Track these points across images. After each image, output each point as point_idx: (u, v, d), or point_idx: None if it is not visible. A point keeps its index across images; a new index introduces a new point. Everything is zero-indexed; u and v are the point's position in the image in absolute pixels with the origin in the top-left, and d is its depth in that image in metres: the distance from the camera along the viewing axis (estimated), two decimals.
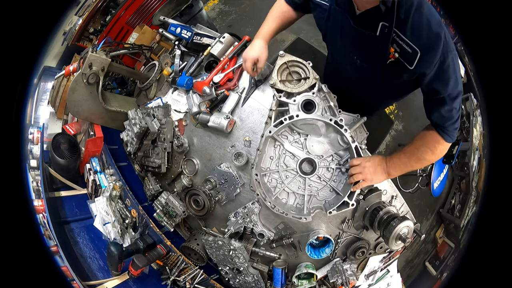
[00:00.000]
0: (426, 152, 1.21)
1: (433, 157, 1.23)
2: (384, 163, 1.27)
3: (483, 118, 2.12)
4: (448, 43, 1.05)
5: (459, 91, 1.11)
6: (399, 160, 1.26)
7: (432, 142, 1.20)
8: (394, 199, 1.46)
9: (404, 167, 1.26)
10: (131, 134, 1.65)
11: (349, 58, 1.27)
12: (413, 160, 1.25)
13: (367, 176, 1.25)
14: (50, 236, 1.43)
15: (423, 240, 2.00)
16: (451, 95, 1.10)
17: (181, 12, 1.99)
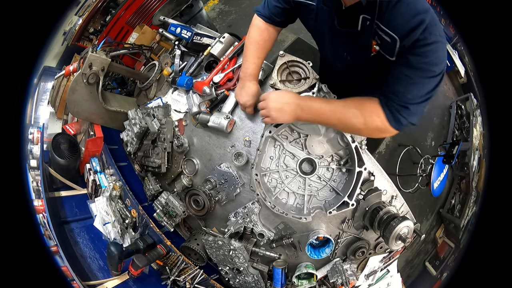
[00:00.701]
0: (357, 117, 1.05)
1: (363, 128, 1.07)
2: (296, 104, 1.12)
3: (483, 118, 2.12)
4: (433, 28, 0.92)
5: (435, 73, 0.95)
6: (319, 108, 1.11)
7: (371, 111, 1.05)
8: (394, 199, 1.46)
9: (321, 117, 1.12)
10: (131, 134, 1.65)
11: (339, 55, 1.24)
12: (336, 117, 1.09)
13: (270, 113, 1.15)
14: (50, 236, 1.43)
15: (423, 240, 1.99)
16: (422, 68, 0.96)
17: (181, 12, 1.99)
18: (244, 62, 1.37)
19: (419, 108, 1.03)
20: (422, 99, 1.01)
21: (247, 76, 1.36)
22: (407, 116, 1.03)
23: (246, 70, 1.36)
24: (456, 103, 2.49)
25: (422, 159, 2.40)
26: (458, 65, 2.24)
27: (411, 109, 1.02)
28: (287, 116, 1.14)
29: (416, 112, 1.04)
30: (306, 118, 1.15)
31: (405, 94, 1.00)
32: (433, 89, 1.00)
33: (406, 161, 2.70)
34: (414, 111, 1.03)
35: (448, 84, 2.63)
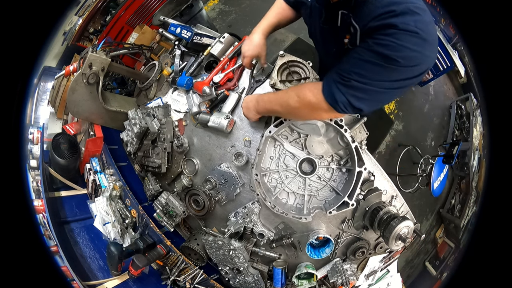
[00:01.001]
0: (292, 97, 1.06)
1: (298, 106, 1.05)
2: (256, 100, 1.26)
3: (483, 118, 2.12)
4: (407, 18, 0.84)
5: (397, 62, 0.84)
6: (268, 98, 1.21)
7: (306, 87, 1.04)
8: (394, 199, 1.46)
9: (270, 106, 1.19)
10: (131, 134, 1.65)
11: (329, 51, 1.25)
12: (278, 102, 1.14)
13: (244, 111, 1.33)
14: (50, 236, 1.43)
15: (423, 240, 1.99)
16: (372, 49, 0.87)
17: (181, 12, 1.99)
18: (262, 19, 1.45)
19: (367, 93, 0.91)
20: (372, 84, 0.90)
21: (257, 29, 1.41)
22: (346, 92, 0.93)
23: (260, 24, 1.43)
24: (456, 103, 2.49)
25: (422, 159, 2.40)
26: (458, 65, 2.24)
27: (353, 86, 0.91)
28: (251, 111, 1.30)
29: (361, 96, 0.92)
30: (262, 111, 1.26)
31: (350, 68, 0.92)
32: (393, 80, 0.89)
33: (406, 161, 2.70)
34: (358, 92, 0.91)
35: (448, 84, 2.63)
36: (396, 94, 0.94)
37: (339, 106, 0.94)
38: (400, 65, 0.85)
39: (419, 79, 0.92)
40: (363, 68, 0.89)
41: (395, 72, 0.87)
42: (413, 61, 0.86)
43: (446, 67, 2.28)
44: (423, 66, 0.88)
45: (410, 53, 0.85)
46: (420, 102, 2.89)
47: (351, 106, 0.94)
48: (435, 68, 2.34)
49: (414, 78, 0.90)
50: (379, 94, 0.92)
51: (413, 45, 0.84)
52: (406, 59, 0.85)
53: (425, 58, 0.87)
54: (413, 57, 0.85)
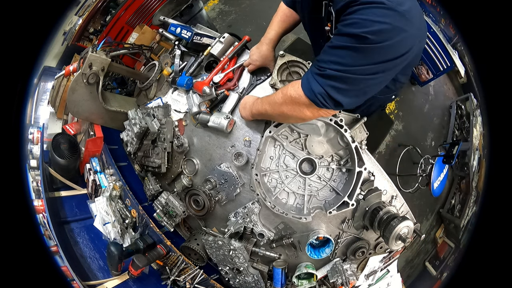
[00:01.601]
0: (277, 95, 1.07)
1: (281, 102, 1.04)
2: (252, 102, 1.29)
3: (483, 118, 2.12)
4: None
5: (367, 39, 0.78)
6: (261, 100, 1.22)
7: (290, 84, 1.02)
8: (394, 199, 1.46)
9: (262, 107, 1.19)
10: (131, 134, 1.65)
11: (318, 42, 1.26)
12: (268, 101, 1.15)
13: (240, 109, 1.39)
14: (50, 236, 1.43)
15: (423, 240, 1.99)
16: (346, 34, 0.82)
17: (181, 12, 1.99)
18: (267, 29, 1.50)
19: (345, 83, 0.85)
20: (349, 70, 0.83)
21: (265, 39, 1.47)
22: (323, 83, 0.88)
23: (267, 34, 1.48)
24: (456, 103, 2.49)
25: (422, 159, 2.39)
26: (458, 65, 2.24)
27: (330, 75, 0.86)
28: (247, 111, 1.35)
29: (340, 86, 0.86)
30: (255, 113, 1.28)
31: (325, 58, 0.88)
32: (370, 63, 0.82)
33: (406, 161, 2.70)
34: (336, 81, 0.86)
35: (448, 84, 2.63)
36: (377, 80, 0.87)
37: (318, 98, 0.90)
38: (371, 42, 0.78)
39: (401, 60, 0.83)
40: (337, 55, 0.84)
41: (369, 52, 0.80)
42: (384, 35, 0.77)
43: (446, 67, 2.27)
44: (400, 43, 0.80)
45: (379, 26, 0.77)
46: (420, 102, 2.89)
47: (330, 98, 0.88)
48: (435, 68, 2.34)
49: (394, 60, 0.82)
50: (358, 82, 0.86)
51: (379, 17, 0.77)
52: (375, 34, 0.77)
53: (399, 32, 0.78)
54: (382, 31, 0.77)
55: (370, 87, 0.90)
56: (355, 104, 0.94)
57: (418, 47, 0.92)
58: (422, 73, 2.47)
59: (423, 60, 2.37)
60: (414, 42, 0.84)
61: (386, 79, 0.90)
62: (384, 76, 0.87)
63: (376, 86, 0.91)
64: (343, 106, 0.91)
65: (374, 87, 0.91)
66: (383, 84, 0.92)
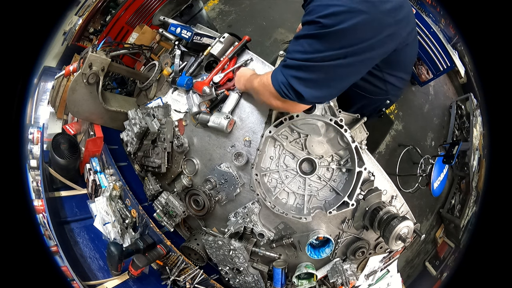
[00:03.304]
0: (256, 78, 1.14)
1: (256, 85, 1.12)
2: (247, 77, 1.31)
3: (483, 118, 2.12)
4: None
5: (321, 24, 0.79)
6: (251, 77, 1.25)
7: (268, 72, 1.05)
8: (394, 199, 1.46)
9: (249, 84, 1.24)
10: (131, 134, 1.65)
11: None
12: (252, 80, 1.20)
13: (235, 81, 1.44)
14: (50, 236, 1.43)
15: (423, 240, 1.99)
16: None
17: (181, 12, 1.99)
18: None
19: (307, 72, 0.85)
20: (309, 59, 0.83)
21: None
22: (287, 74, 0.89)
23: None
24: (456, 103, 2.49)
25: (422, 159, 2.40)
26: (458, 65, 2.24)
27: (293, 65, 0.87)
28: (240, 84, 1.38)
29: (302, 76, 0.86)
30: (248, 88, 1.29)
31: (289, 49, 0.90)
32: (330, 49, 0.80)
33: (406, 161, 2.70)
34: (298, 71, 0.86)
35: (448, 84, 2.63)
36: (341, 69, 0.84)
37: (281, 89, 0.91)
38: (326, 27, 0.77)
39: (367, 47, 0.81)
40: (298, 44, 0.84)
41: (325, 37, 0.79)
42: (337, 17, 0.77)
43: (446, 67, 2.28)
44: (358, 26, 0.78)
45: (332, 9, 0.77)
46: (420, 102, 2.89)
47: (292, 89, 0.88)
48: (435, 68, 2.34)
49: (356, 46, 0.80)
50: (318, 70, 0.84)
51: (333, 0, 0.77)
52: (327, 17, 0.77)
53: (356, 14, 0.76)
54: (335, 13, 0.77)
55: (334, 76, 0.87)
56: (320, 98, 0.92)
57: (397, 39, 0.89)
58: (422, 73, 2.48)
59: (423, 60, 2.37)
60: (382, 29, 0.82)
61: (354, 68, 0.87)
62: (348, 64, 0.83)
63: (342, 76, 0.88)
64: (304, 99, 0.89)
65: (340, 77, 0.89)
66: (352, 74, 0.90)
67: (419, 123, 2.95)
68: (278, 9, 3.60)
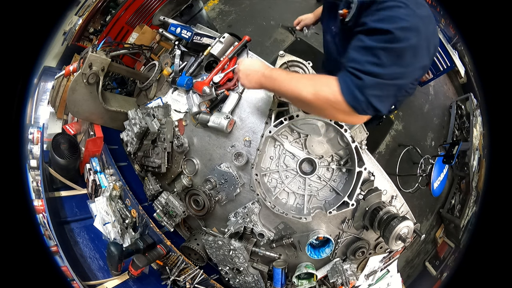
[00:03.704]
0: (307, 87, 0.96)
1: (312, 99, 0.95)
2: (262, 73, 1.12)
3: (483, 118, 2.12)
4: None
5: (394, 36, 0.83)
6: (278, 76, 1.08)
7: (322, 81, 0.96)
8: (394, 199, 1.46)
9: (278, 86, 1.07)
10: (131, 134, 1.65)
11: (330, 29, 1.29)
12: (289, 87, 1.02)
13: (240, 77, 1.18)
14: (50, 236, 1.43)
15: (423, 240, 1.99)
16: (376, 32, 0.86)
17: (181, 12, 1.99)
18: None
19: (379, 86, 0.87)
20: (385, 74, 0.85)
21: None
22: (367, 93, 0.87)
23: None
24: (456, 103, 2.49)
25: (422, 159, 2.40)
26: (458, 65, 2.24)
27: (365, 80, 0.86)
28: (253, 83, 1.15)
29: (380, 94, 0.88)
30: (267, 87, 1.13)
31: (359, 59, 0.88)
32: (402, 64, 0.84)
33: (406, 161, 2.71)
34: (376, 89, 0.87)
35: (448, 84, 2.63)
36: (404, 83, 0.90)
37: (361, 107, 0.89)
38: (399, 40, 0.82)
39: (419, 62, 0.88)
40: (373, 55, 0.85)
41: (394, 48, 0.83)
42: (409, 32, 0.82)
43: (446, 67, 2.28)
44: (420, 44, 0.84)
45: (405, 24, 0.82)
46: (420, 102, 2.89)
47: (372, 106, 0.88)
48: (435, 68, 2.34)
49: (417, 61, 0.86)
50: (393, 86, 0.88)
51: (405, 16, 0.83)
52: (402, 30, 0.82)
53: (419, 33, 0.84)
54: (407, 28, 0.82)
55: (400, 91, 0.92)
56: (389, 110, 0.98)
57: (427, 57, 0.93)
58: None
59: None
60: (431, 52, 0.92)
61: (408, 82, 0.93)
62: (408, 79, 0.90)
63: (402, 90, 0.94)
64: (382, 113, 0.92)
65: (402, 91, 0.96)
66: (405, 88, 0.99)
67: (419, 123, 2.95)
68: (278, 9, 3.60)
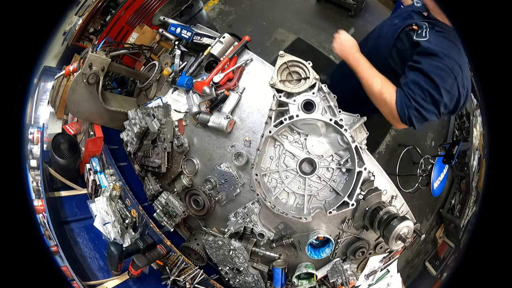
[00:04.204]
0: (377, 84, 1.34)
1: (376, 92, 1.34)
2: (354, 49, 1.47)
3: (483, 118, 2.12)
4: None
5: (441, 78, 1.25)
6: (363, 63, 1.41)
7: (389, 86, 1.32)
8: (394, 199, 1.46)
9: (360, 69, 1.40)
10: (131, 134, 1.65)
11: (393, 23, 1.59)
12: (366, 75, 1.38)
13: (336, 42, 1.53)
14: (50, 236, 1.43)
15: (423, 240, 1.99)
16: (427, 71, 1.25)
17: (181, 12, 1.99)
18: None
19: (419, 112, 1.26)
20: (423, 104, 1.25)
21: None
22: (409, 109, 1.26)
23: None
24: None
25: (422, 159, 2.40)
26: None
27: (412, 105, 1.25)
28: (343, 53, 1.49)
29: (416, 114, 1.27)
30: (351, 63, 1.45)
31: (413, 90, 1.26)
32: (433, 103, 1.28)
33: (406, 161, 2.71)
34: (414, 110, 1.26)
35: None
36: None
37: (404, 117, 1.28)
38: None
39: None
40: (424, 94, 1.24)
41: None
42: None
43: None
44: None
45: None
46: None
47: (410, 121, 1.28)
48: None
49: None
50: (429, 113, 1.28)
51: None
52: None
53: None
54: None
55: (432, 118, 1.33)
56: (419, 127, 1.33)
57: None
58: None
59: None
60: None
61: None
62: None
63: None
64: (415, 128, 1.33)
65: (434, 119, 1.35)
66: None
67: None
68: (278, 9, 3.60)
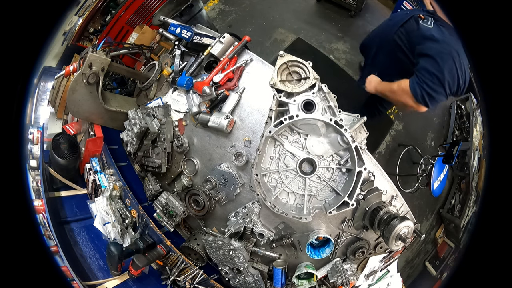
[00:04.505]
0: (394, 84, 1.67)
1: (395, 87, 1.65)
2: (376, 82, 1.83)
3: (483, 118, 2.12)
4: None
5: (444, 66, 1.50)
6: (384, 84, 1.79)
7: (404, 80, 1.60)
8: (394, 199, 1.46)
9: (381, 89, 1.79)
10: (131, 134, 1.65)
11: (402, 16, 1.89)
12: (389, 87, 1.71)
13: (367, 85, 1.88)
14: (50, 236, 1.43)
15: (423, 240, 1.99)
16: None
17: (181, 12, 1.99)
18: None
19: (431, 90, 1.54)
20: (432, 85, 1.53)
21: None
22: (422, 89, 1.54)
23: None
24: (456, 103, 2.49)
25: (422, 159, 2.39)
26: None
27: (424, 85, 1.53)
28: (371, 87, 1.85)
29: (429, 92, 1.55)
30: (379, 91, 1.82)
31: (425, 75, 1.53)
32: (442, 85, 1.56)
33: (406, 161, 2.70)
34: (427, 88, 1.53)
35: None
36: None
37: (418, 96, 1.55)
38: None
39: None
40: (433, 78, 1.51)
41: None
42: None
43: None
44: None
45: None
46: None
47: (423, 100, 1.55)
48: None
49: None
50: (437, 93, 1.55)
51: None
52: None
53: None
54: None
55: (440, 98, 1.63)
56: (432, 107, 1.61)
57: None
58: None
59: None
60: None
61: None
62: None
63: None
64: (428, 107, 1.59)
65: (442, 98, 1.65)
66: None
67: (419, 123, 2.94)
68: (278, 9, 3.60)
